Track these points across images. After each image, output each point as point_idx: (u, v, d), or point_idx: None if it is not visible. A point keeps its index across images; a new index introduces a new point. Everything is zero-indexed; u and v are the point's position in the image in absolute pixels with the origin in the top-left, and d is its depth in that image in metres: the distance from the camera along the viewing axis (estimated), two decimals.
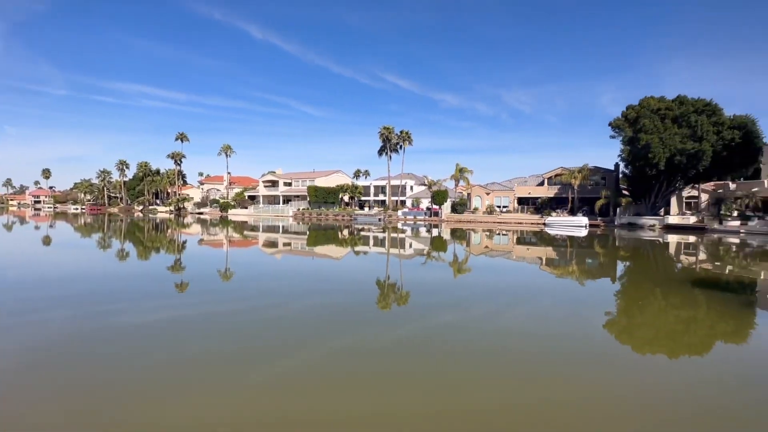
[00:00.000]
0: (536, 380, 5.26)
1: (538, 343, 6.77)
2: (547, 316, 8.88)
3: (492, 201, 56.51)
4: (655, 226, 39.10)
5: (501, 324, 8.06)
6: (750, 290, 12.29)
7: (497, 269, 16.99)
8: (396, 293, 11.02)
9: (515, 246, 26.52)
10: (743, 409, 4.68)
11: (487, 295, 11.11)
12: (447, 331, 7.52)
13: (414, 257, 20.28)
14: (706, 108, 37.47)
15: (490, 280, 13.86)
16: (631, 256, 21.35)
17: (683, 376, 5.72)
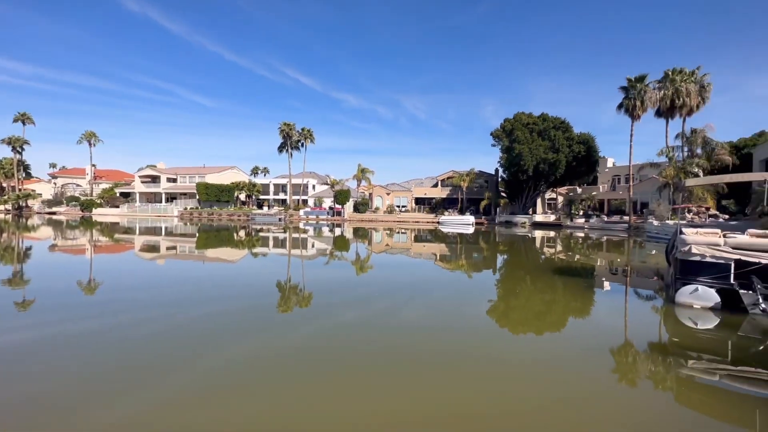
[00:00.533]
0: (433, 366, 5.64)
1: (433, 334, 7.30)
2: (441, 307, 9.60)
3: (392, 201, 59.14)
4: (525, 223, 45.79)
5: (401, 318, 8.40)
6: (590, 274, 15.29)
7: (397, 266, 17.78)
8: (299, 294, 10.68)
9: (413, 243, 28.07)
10: (587, 365, 5.80)
11: (389, 291, 11.49)
12: (349, 328, 7.58)
13: (317, 257, 19.98)
14: (561, 125, 45.37)
15: (391, 276, 14.42)
16: (507, 250, 24.51)
17: (546, 347, 6.87)
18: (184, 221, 50.84)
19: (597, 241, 29.61)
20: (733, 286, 7.78)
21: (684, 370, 5.64)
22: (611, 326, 8.24)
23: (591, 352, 6.53)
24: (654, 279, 13.38)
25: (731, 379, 5.31)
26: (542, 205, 55.20)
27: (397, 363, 5.80)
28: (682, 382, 5.35)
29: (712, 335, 7.12)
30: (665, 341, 7.10)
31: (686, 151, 34.62)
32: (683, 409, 4.64)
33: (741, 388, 5.07)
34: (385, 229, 40.18)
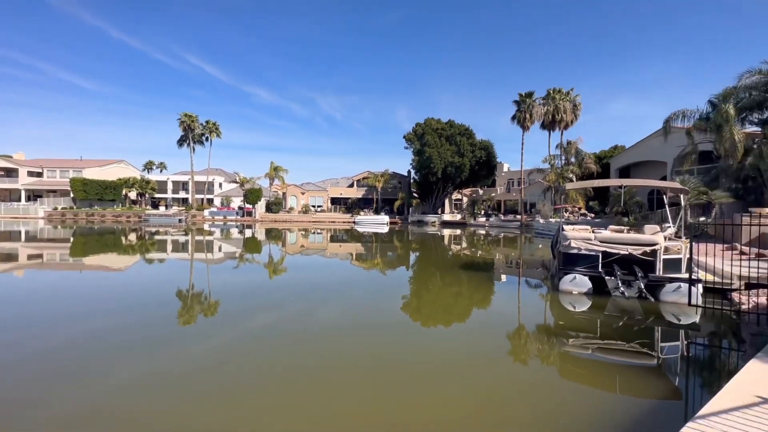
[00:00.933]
0: (349, 365, 5.66)
1: (349, 333, 7.33)
2: (358, 306, 9.68)
3: (307, 201, 57.80)
4: (435, 222, 48.83)
5: (317, 319, 8.23)
6: (490, 267, 16.96)
7: (313, 267, 17.41)
8: (203, 303, 9.72)
9: (329, 244, 27.84)
10: (489, 350, 6.44)
11: (304, 293, 11.15)
12: (263, 333, 7.19)
13: (224, 261, 18.51)
14: (466, 132, 49.42)
15: (306, 278, 14.04)
16: (419, 248, 25.84)
17: (454, 337, 7.48)
18: (54, 224, 42.56)
19: (495, 237, 32.94)
20: (601, 274, 9.28)
21: (565, 348, 6.60)
22: (508, 313, 9.28)
23: (491, 337, 7.26)
24: (540, 269, 15.40)
25: (599, 351, 6.38)
26: (450, 205, 59.49)
27: (312, 366, 5.65)
28: (564, 358, 6.25)
29: (586, 316, 8.43)
30: (550, 324, 8.21)
31: (563, 159, 40.57)
32: (565, 382, 5.41)
33: (606, 358, 6.11)
34: (300, 230, 39.12)
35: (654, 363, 5.99)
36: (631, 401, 4.67)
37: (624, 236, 9.51)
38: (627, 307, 8.60)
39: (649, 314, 8.16)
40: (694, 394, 4.91)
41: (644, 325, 7.66)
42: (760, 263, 9.32)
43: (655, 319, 7.96)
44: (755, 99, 20.51)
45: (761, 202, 19.28)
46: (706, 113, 21.99)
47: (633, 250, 8.93)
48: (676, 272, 8.84)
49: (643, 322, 7.82)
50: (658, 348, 6.64)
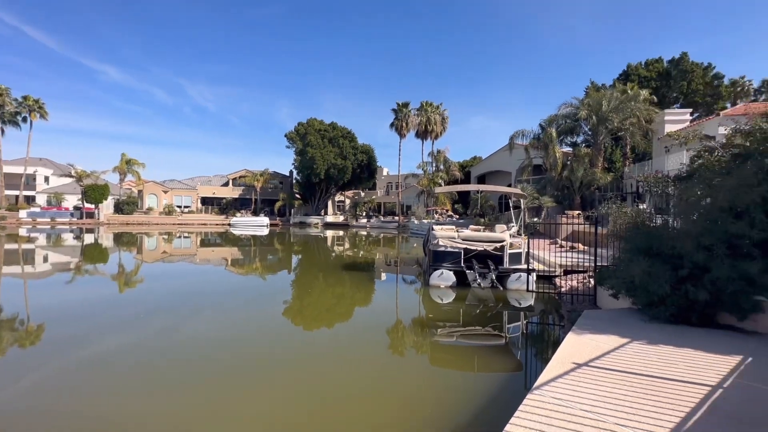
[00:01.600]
0: (228, 378, 5.19)
1: (227, 344, 6.73)
2: (235, 315, 8.95)
3: (171, 200, 50.64)
4: (318, 224, 48.51)
5: (188, 334, 7.33)
6: (371, 266, 17.67)
7: (180, 275, 15.33)
8: (20, 329, 7.58)
9: (199, 249, 25.03)
10: (370, 345, 6.77)
11: (170, 306, 9.71)
12: (114, 358, 5.97)
13: (52, 275, 14.79)
14: (348, 135, 50.49)
15: (172, 288, 12.26)
16: (302, 250, 25.29)
17: (337, 336, 7.64)
18: None
19: (376, 238, 34.52)
20: (463, 268, 10.58)
21: (435, 338, 7.31)
22: (386, 310, 9.81)
23: (371, 334, 7.64)
24: (415, 266, 16.76)
25: (462, 337, 7.29)
26: (333, 207, 59.91)
27: (187, 380, 5.14)
28: (433, 347, 6.92)
29: (451, 307, 9.50)
30: (422, 316, 9.00)
31: (434, 166, 45.08)
32: (435, 369, 6.01)
33: (467, 343, 7.05)
34: (162, 234, 34.02)
35: (502, 342, 7.12)
36: (486, 377, 5.49)
37: (480, 234, 11.06)
38: (483, 296, 10.00)
39: (499, 301, 9.68)
40: (533, 364, 5.96)
41: (495, 311, 9.04)
42: (573, 254, 12.05)
43: (503, 305, 9.47)
44: (568, 126, 26.43)
45: (573, 206, 24.92)
46: (537, 134, 27.31)
47: (487, 246, 10.48)
48: (518, 264, 10.70)
49: (494, 308, 9.22)
50: (506, 329, 7.92)
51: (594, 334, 4.18)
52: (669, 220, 5.09)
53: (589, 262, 9.66)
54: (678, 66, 36.94)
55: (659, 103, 28.80)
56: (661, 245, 4.58)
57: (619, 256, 5.62)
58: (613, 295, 5.37)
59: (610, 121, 24.16)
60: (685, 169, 5.58)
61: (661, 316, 4.53)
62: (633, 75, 37.06)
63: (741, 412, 2.53)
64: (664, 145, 25.42)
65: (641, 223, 5.32)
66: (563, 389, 2.85)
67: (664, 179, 5.71)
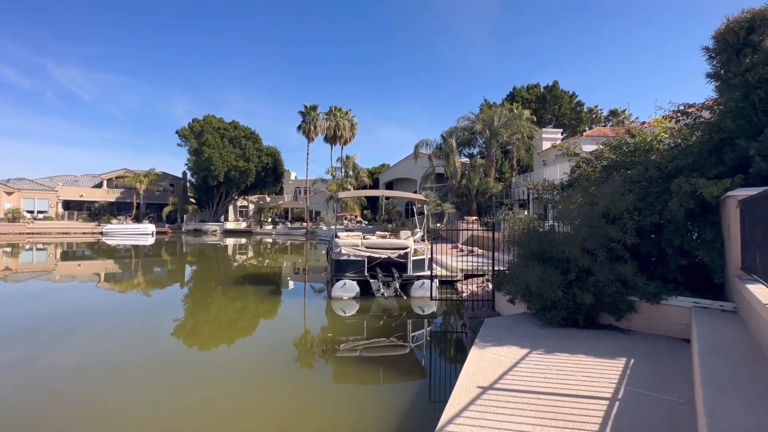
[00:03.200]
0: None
1: (103, 375, 5.79)
2: (109, 341, 7.43)
3: (19, 203, 40.84)
4: (216, 231, 44.13)
5: (49, 366, 6.11)
6: (278, 276, 16.53)
7: (33, 298, 11.96)
8: None
9: (60, 263, 20.51)
10: (273, 363, 6.35)
11: (18, 336, 7.59)
12: None
13: None
14: (252, 135, 47.19)
15: (20, 313, 9.46)
16: (197, 261, 22.44)
17: (236, 353, 7.16)
18: None
19: (283, 245, 32.67)
20: (367, 278, 10.08)
21: (337, 354, 6.83)
22: (290, 323, 9.15)
23: (272, 351, 7.08)
24: (324, 274, 15.98)
25: (366, 350, 6.99)
26: (234, 212, 55.28)
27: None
28: (336, 362, 6.51)
29: (355, 319, 8.97)
30: (325, 331, 8.31)
31: (343, 171, 44.76)
32: (339, 385, 5.67)
33: (371, 355, 6.75)
34: (3, 247, 27.07)
35: (406, 351, 6.93)
36: (391, 388, 5.34)
37: (384, 241, 10.72)
38: (387, 305, 9.67)
39: (403, 310, 9.45)
40: (437, 371, 5.95)
41: (399, 320, 8.78)
42: (472, 258, 12.62)
43: (407, 314, 9.26)
44: (466, 137, 28.56)
45: (471, 212, 26.89)
46: (439, 144, 28.92)
47: (391, 254, 10.16)
48: (422, 271, 10.62)
49: (398, 317, 8.95)
50: (410, 338, 7.73)
51: (495, 346, 4.06)
52: (555, 226, 5.39)
53: (487, 265, 10.13)
54: (551, 92, 43.14)
55: (538, 123, 33.02)
56: (552, 250, 4.74)
57: (514, 261, 5.79)
58: (510, 300, 5.48)
59: (501, 135, 26.77)
60: (566, 178, 6.06)
61: (553, 320, 4.67)
62: (518, 96, 42.09)
63: (640, 425, 2.50)
64: (542, 159, 29.15)
65: (533, 229, 5.56)
66: (470, 424, 2.49)
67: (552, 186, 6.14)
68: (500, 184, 28.00)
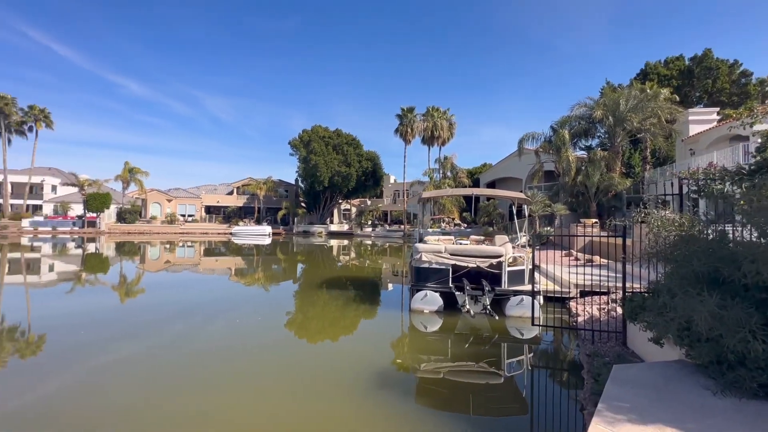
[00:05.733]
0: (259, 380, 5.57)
1: (238, 354, 6.75)
2: (242, 325, 8.62)
3: (175, 209, 50.17)
4: (322, 232, 47.25)
5: (199, 343, 7.32)
6: (378, 277, 16.82)
7: (185, 285, 14.90)
8: (23, 338, 7.47)
9: (202, 258, 24.17)
10: (359, 374, 5.95)
11: (178, 315, 9.49)
12: (126, 366, 6.03)
13: (56, 284, 14.18)
14: (353, 141, 49.35)
15: (178, 298, 11.87)
16: (306, 260, 24.02)
17: (344, 350, 7.28)
18: None
19: (381, 247, 33.02)
20: (451, 289, 8.67)
21: (418, 373, 5.97)
22: (377, 329, 8.65)
23: (357, 357, 6.80)
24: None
25: (451, 373, 5.89)
26: (339, 215, 58.67)
27: (207, 393, 5.22)
28: (419, 381, 5.73)
29: (437, 337, 7.78)
30: (406, 345, 7.38)
31: (441, 173, 43.44)
32: (422, 408, 4.90)
33: (457, 380, 5.71)
34: (164, 243, 33.22)
35: (500, 380, 5.69)
36: (485, 421, 4.62)
37: (471, 248, 9.09)
38: (476, 324, 8.22)
39: (496, 331, 7.89)
40: (540, 406, 4.96)
41: (491, 343, 7.31)
42: (591, 269, 10.22)
43: (501, 335, 7.71)
44: (582, 127, 24.58)
45: (589, 213, 22.94)
46: (549, 136, 25.50)
47: (480, 263, 8.58)
48: (520, 284, 8.80)
49: (490, 340, 7.48)
50: (504, 365, 6.33)
51: (635, 425, 2.53)
52: (733, 232, 3.48)
53: (612, 280, 7.91)
54: (701, 63, 34.67)
55: (681, 103, 26.70)
56: (734, 270, 2.95)
57: (660, 281, 3.99)
58: (655, 340, 3.73)
59: (629, 121, 22.22)
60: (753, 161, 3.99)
61: (740, 385, 2.86)
62: (652, 74, 34.95)
63: None
64: (688, 147, 23.33)
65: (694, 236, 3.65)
66: None
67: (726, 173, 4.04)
68: (628, 180, 23.25)
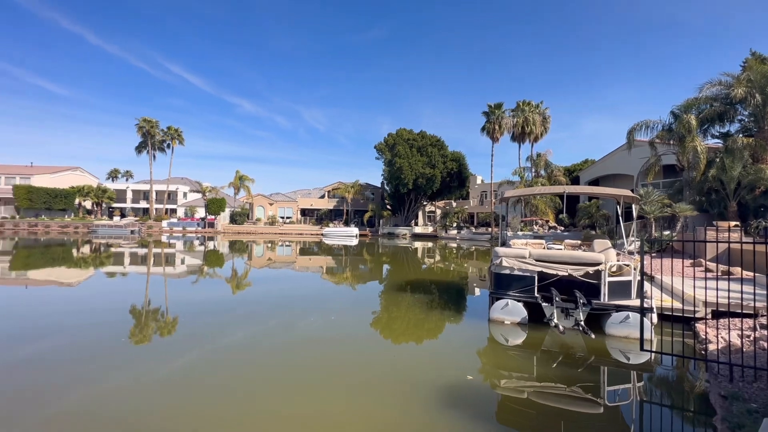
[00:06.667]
0: (341, 374, 5.77)
1: (329, 343, 7.25)
2: (335, 319, 9.19)
3: (275, 212, 55.68)
4: (406, 234, 47.59)
5: (299, 331, 8.04)
6: (463, 280, 16.32)
7: (284, 280, 16.63)
8: (161, 319, 9.09)
9: (298, 257, 26.46)
10: (465, 357, 5.86)
11: (281, 306, 10.81)
12: (239, 349, 6.89)
13: (188, 275, 17.21)
14: (437, 143, 48.77)
15: (279, 291, 13.47)
16: (391, 261, 24.48)
17: (426, 353, 7.19)
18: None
19: (467, 250, 31.90)
20: (537, 299, 7.69)
21: (498, 389, 5.45)
22: (468, 338, 8.05)
23: (441, 367, 6.40)
24: None
25: (537, 395, 5.19)
26: (424, 217, 58.50)
27: (306, 379, 5.66)
28: (500, 398, 5.22)
29: (520, 352, 6.95)
30: (485, 357, 6.77)
31: (533, 171, 40.19)
32: (503, 428, 4.45)
33: (545, 404, 4.96)
34: (266, 242, 37.14)
35: (599, 410, 4.81)
36: None
37: (562, 254, 7.96)
38: (567, 341, 7.14)
39: (593, 351, 6.74)
40: None
41: (587, 366, 6.25)
42: (727, 283, 8.25)
43: (599, 358, 6.54)
44: (716, 110, 20.29)
45: (725, 215, 18.80)
46: (668, 124, 21.66)
47: (572, 271, 7.44)
48: (626, 298, 7.42)
49: (584, 361, 6.40)
50: (605, 393, 5.36)
51: None
52: None
53: (759, 299, 6.19)
54: None
55: None
56: None
57: None
58: None
59: None
60: None
61: None
62: None
63: None
64: None
65: None
66: None
67: None
68: None
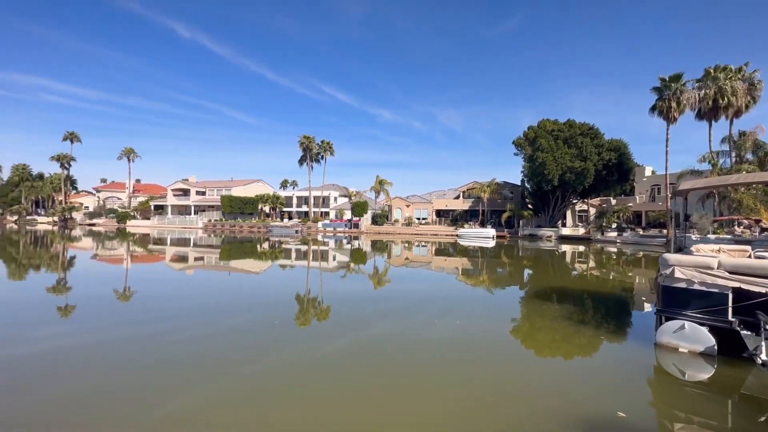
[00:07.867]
0: (472, 385, 5.51)
1: (464, 349, 7.12)
2: (471, 324, 9.11)
3: (412, 213, 57.95)
4: (551, 237, 42.91)
5: (435, 332, 8.17)
6: (628, 293, 13.77)
7: (420, 279, 17.34)
8: (319, 306, 10.74)
9: (434, 257, 27.06)
10: (619, 388, 5.49)
11: (417, 305, 11.24)
12: (386, 341, 7.58)
13: (338, 270, 19.92)
14: (590, 131, 42.42)
15: (416, 290, 14.13)
16: (533, 265, 22.67)
17: (569, 375, 6.14)
18: (208, 233, 52.51)
19: (632, 256, 26.90)
20: (732, 325, 5.76)
21: None
22: (628, 364, 6.44)
23: (592, 397, 5.29)
24: None
25: None
26: (573, 217, 51.78)
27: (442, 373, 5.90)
28: None
29: (704, 391, 5.35)
30: (655, 390, 5.51)
31: (734, 156, 30.97)
32: None
33: None
34: (403, 242, 39.14)
35: None
36: None
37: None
38: None
39: None
40: None
41: None
42: None
43: None
44: None
45: None
46: None
47: None
48: None
49: None
50: None
51: None
52: None
53: None
54: None
55: None
56: None
57: None
58: None
59: None
60: None
61: None
62: None
63: None
64: None
65: None
66: None
67: None
68: None
